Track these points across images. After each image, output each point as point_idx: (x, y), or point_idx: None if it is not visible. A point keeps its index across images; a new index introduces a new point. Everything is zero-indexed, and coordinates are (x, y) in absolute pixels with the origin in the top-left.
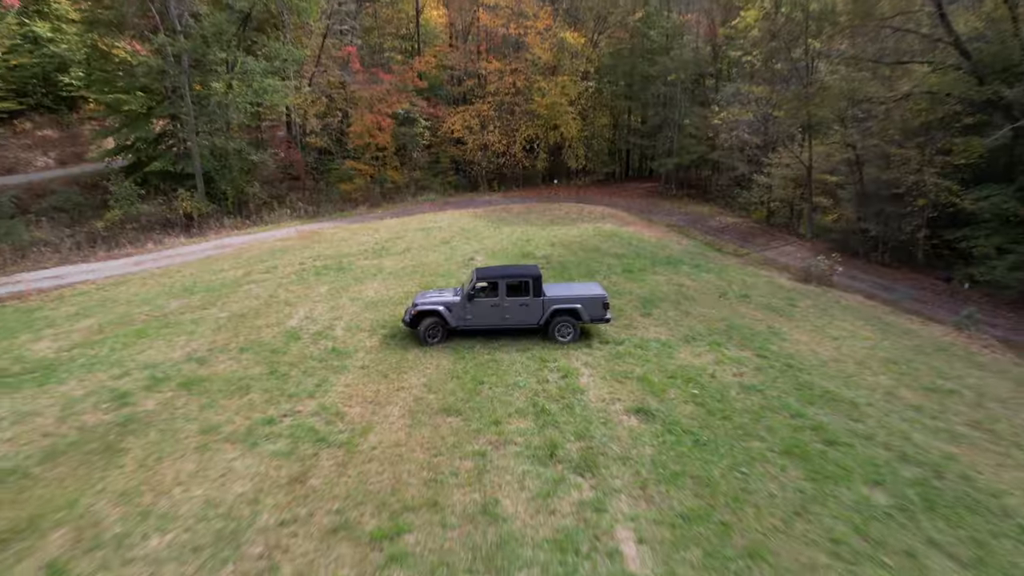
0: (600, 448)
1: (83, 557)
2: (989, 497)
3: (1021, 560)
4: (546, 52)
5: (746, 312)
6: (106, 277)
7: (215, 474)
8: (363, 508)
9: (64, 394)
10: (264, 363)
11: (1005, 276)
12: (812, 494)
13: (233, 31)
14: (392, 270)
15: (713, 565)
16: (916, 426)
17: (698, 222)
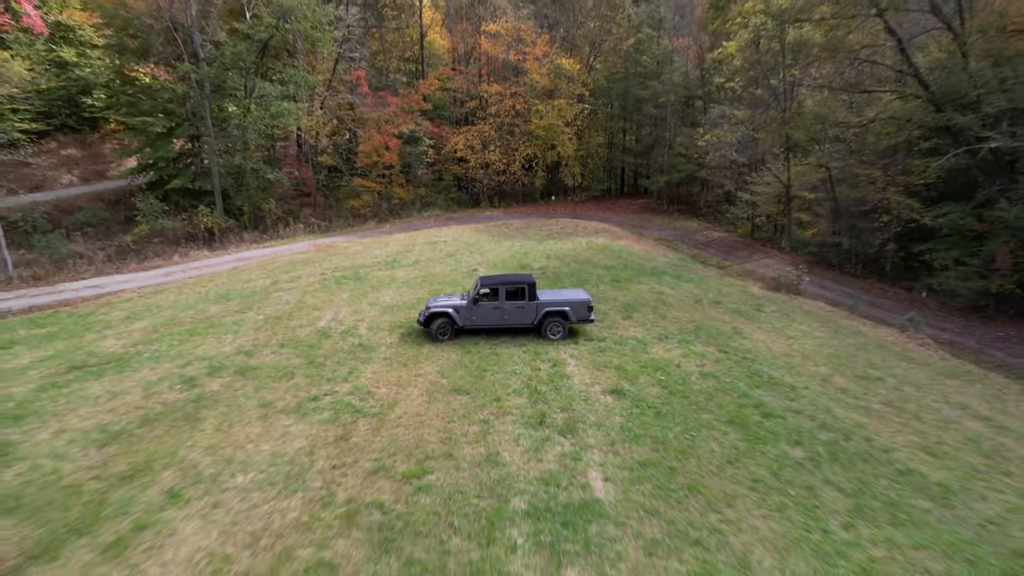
0: (580, 417)
1: (190, 488)
2: (881, 452)
3: (890, 492)
4: (544, 77)
5: (716, 316)
6: (142, 286)
7: (276, 435)
8: (395, 457)
9: (142, 379)
10: (302, 356)
11: (957, 285)
12: (744, 450)
13: (252, 59)
14: (404, 280)
15: (660, 494)
16: (840, 404)
17: (686, 236)
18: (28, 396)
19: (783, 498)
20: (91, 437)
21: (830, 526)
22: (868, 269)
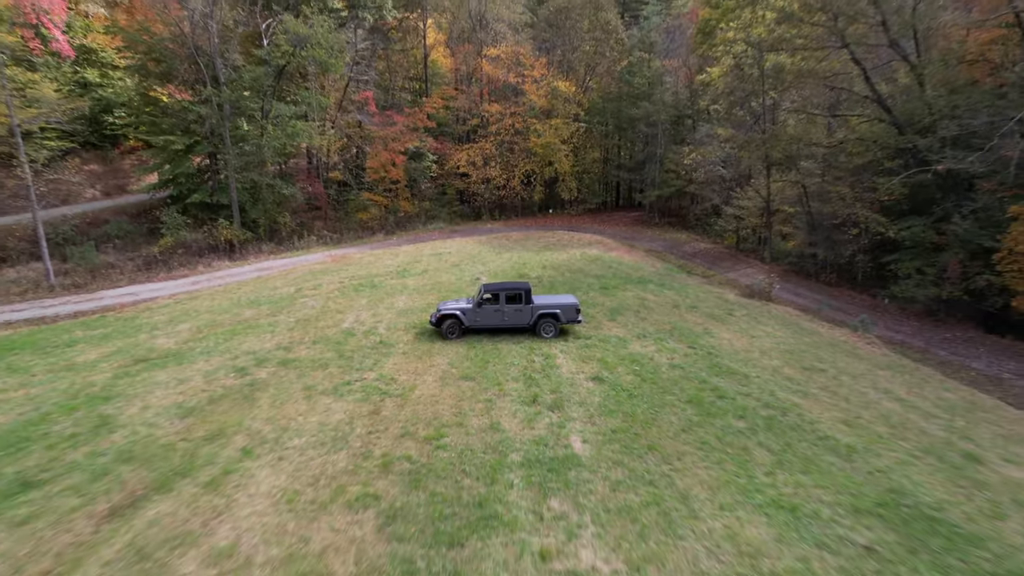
0: (566, 398)
1: (258, 447)
2: (808, 424)
3: (807, 451)
4: (541, 98)
5: (690, 318)
6: (174, 294)
7: (320, 410)
8: (417, 426)
9: (199, 369)
10: (333, 350)
11: (914, 292)
12: (697, 421)
13: (269, 82)
14: (415, 287)
15: (625, 452)
16: (783, 389)
17: (675, 247)
18: (108, 382)
19: (722, 455)
20: (171, 411)
21: (755, 473)
22: (841, 278)
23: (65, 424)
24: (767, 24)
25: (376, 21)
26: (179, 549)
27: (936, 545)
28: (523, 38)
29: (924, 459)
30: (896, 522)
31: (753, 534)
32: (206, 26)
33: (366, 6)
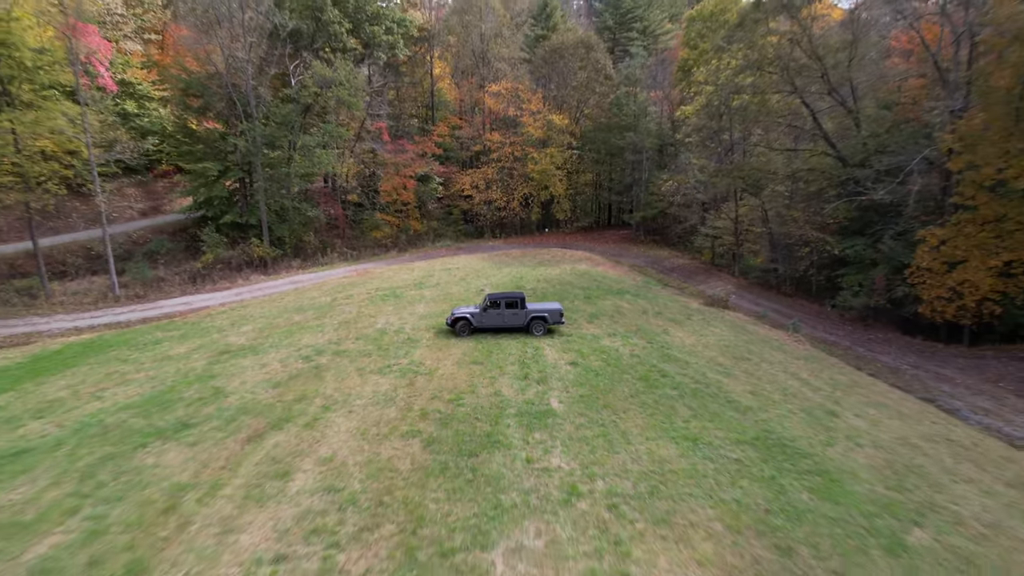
0: (549, 375)
1: (333, 405)
2: (722, 394)
3: (716, 410)
4: (538, 130)
5: (654, 322)
6: (224, 303)
7: (371, 383)
8: (442, 392)
9: (273, 357)
10: (372, 344)
11: (851, 301)
12: (642, 390)
13: (296, 118)
14: (431, 297)
15: (587, 409)
16: (713, 371)
17: (656, 263)
18: (205, 367)
19: (655, 410)
20: (263, 384)
21: (675, 421)
22: (798, 289)
23: (190, 392)
24: (733, 69)
25: (389, 58)
26: (298, 458)
27: (780, 457)
28: (521, 73)
29: (798, 415)
30: (761, 447)
31: (664, 452)
32: (242, 68)
33: (380, 45)
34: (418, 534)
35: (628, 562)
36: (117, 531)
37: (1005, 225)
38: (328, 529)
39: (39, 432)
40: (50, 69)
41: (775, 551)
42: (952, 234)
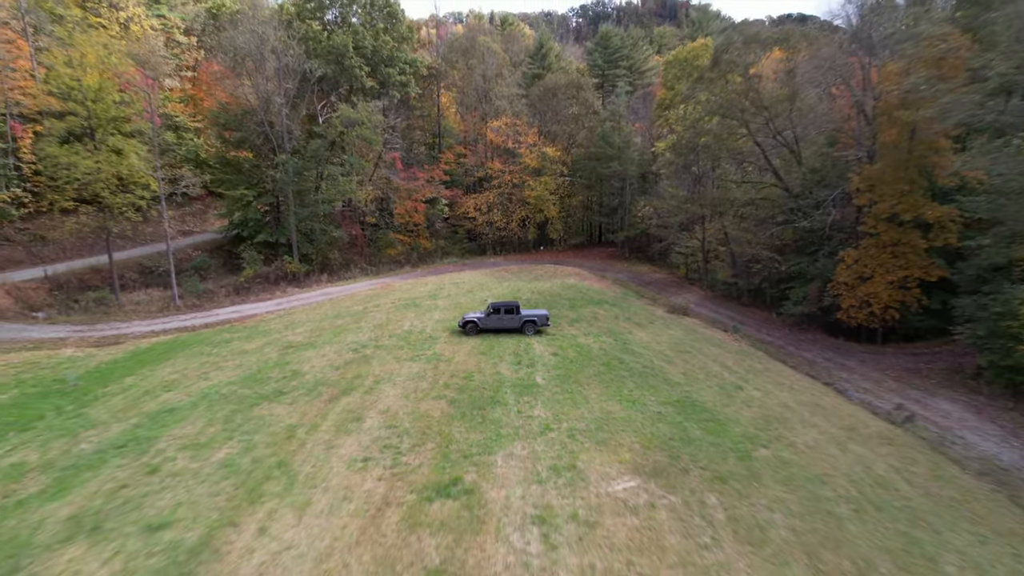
0: (535, 361)
1: (382, 380)
2: (663, 374)
3: (655, 384)
4: (533, 160)
5: (623, 325)
6: (270, 311)
7: (406, 367)
8: (458, 373)
9: (329, 350)
10: (403, 341)
11: (792, 310)
12: (603, 372)
13: (324, 152)
14: (444, 306)
15: (561, 383)
16: (659, 360)
17: (636, 277)
18: (278, 357)
19: (609, 384)
20: (328, 367)
21: (623, 391)
22: (755, 300)
23: (274, 374)
24: (699, 113)
25: (402, 96)
26: (365, 410)
27: (689, 412)
28: (520, 108)
29: (713, 388)
30: (678, 407)
31: (611, 408)
32: (277, 109)
33: (394, 85)
34: (448, 447)
35: (577, 462)
36: (262, 447)
37: (900, 248)
38: (392, 446)
39: (175, 399)
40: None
41: (668, 457)
42: (862, 255)
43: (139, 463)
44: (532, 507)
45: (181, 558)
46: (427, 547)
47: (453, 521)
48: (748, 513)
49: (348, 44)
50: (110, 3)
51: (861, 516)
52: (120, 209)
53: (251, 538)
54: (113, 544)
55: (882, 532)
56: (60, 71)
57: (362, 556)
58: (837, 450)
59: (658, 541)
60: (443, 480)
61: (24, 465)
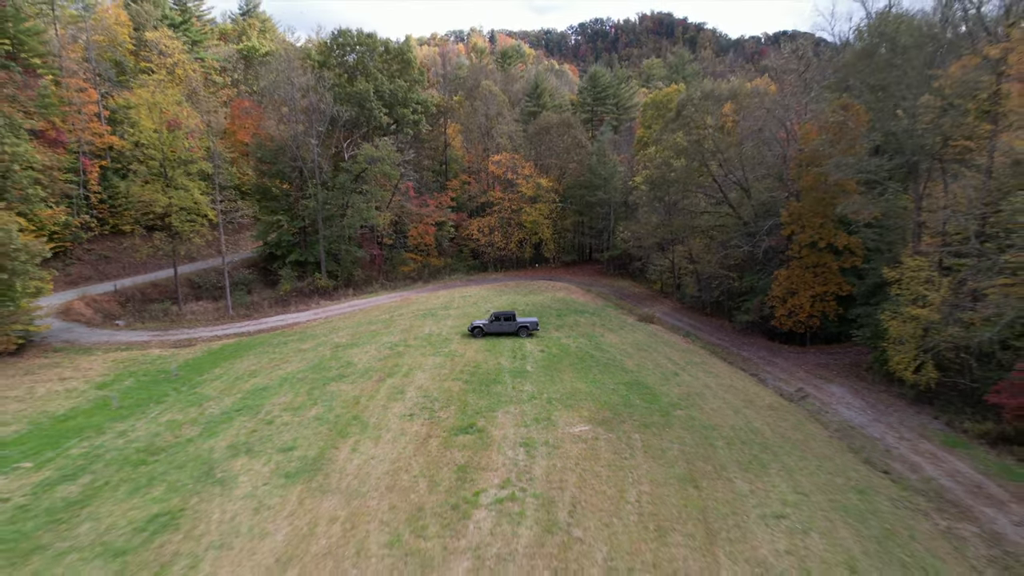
0: (527, 356)
1: (413, 369)
2: (621, 365)
3: (614, 372)
4: (530, 189)
5: (598, 330)
6: (310, 320)
7: (431, 360)
8: (469, 364)
9: (369, 348)
10: (425, 342)
11: (742, 318)
12: (577, 363)
13: (350, 184)
14: (455, 315)
15: (546, 371)
16: (620, 355)
17: (617, 291)
18: (332, 353)
19: (580, 371)
20: (372, 360)
21: (589, 375)
22: (715, 311)
23: (332, 364)
24: (666, 155)
25: (415, 132)
26: (406, 388)
27: (635, 389)
28: (518, 142)
29: (656, 374)
30: (628, 385)
31: (579, 386)
32: (309, 146)
33: (408, 123)
34: (466, 408)
35: (551, 416)
36: (339, 408)
37: (819, 269)
38: (428, 407)
39: (263, 382)
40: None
41: (612, 414)
42: (790, 274)
43: (257, 418)
44: (520, 438)
45: (310, 462)
46: (456, 456)
47: (470, 445)
48: (657, 443)
49: (369, 90)
50: (159, 51)
51: (729, 446)
52: (188, 235)
53: (348, 453)
54: (264, 457)
55: (739, 453)
56: (144, 125)
57: (418, 460)
58: (731, 412)
59: (596, 455)
60: (463, 424)
61: (176, 422)
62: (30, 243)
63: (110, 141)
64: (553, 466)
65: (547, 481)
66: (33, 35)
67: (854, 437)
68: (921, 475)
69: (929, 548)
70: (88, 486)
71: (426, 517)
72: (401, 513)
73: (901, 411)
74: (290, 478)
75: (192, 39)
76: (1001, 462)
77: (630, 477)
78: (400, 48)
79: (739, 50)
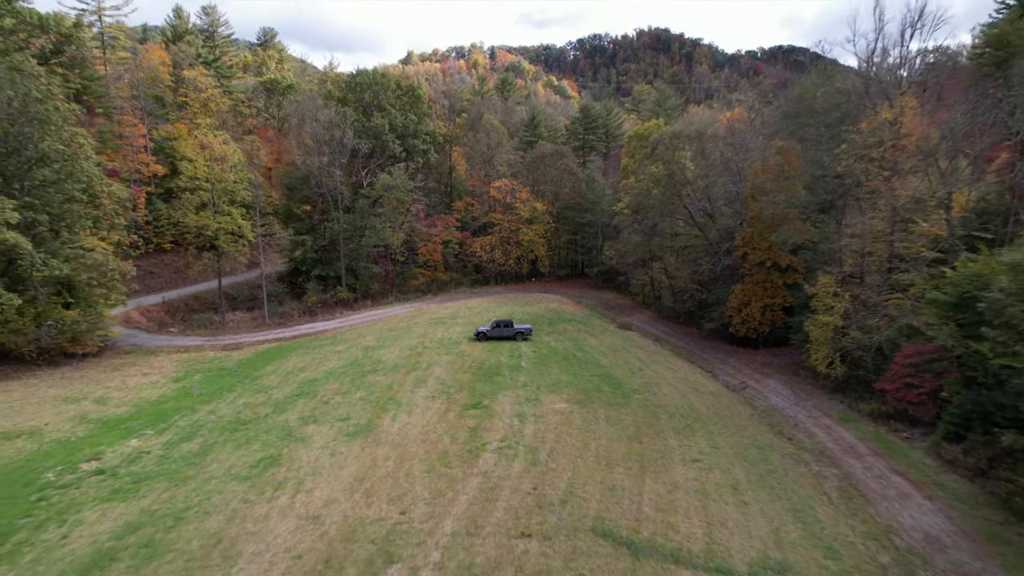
0: (522, 356)
1: (432, 364)
2: (597, 362)
3: (591, 368)
4: (527, 212)
5: (582, 335)
6: (337, 327)
7: (445, 358)
8: (476, 361)
9: (393, 349)
10: (439, 344)
11: (708, 326)
12: (561, 361)
13: (367, 208)
14: (462, 323)
15: (538, 366)
16: (598, 355)
17: (603, 303)
18: (363, 353)
19: (565, 366)
20: (398, 357)
21: (571, 369)
22: (688, 320)
23: (365, 362)
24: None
25: (424, 161)
26: (427, 379)
27: (607, 380)
28: (517, 169)
29: (624, 369)
30: (602, 377)
31: (562, 378)
32: (333, 176)
33: (418, 152)
34: (475, 392)
35: (539, 398)
36: (378, 392)
37: (766, 284)
38: (445, 392)
39: (311, 375)
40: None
41: (585, 396)
42: (744, 288)
43: (315, 400)
44: (515, 412)
45: (363, 427)
46: (468, 423)
47: (478, 416)
48: (616, 416)
49: (384, 125)
50: (195, 87)
51: (670, 418)
52: (232, 254)
53: (389, 421)
54: (328, 424)
55: (676, 423)
56: (198, 163)
57: (441, 425)
58: (678, 396)
59: (569, 422)
60: (473, 403)
61: (251, 404)
62: (121, 264)
63: (155, 169)
64: (538, 429)
65: (533, 438)
66: (95, 80)
67: (774, 416)
68: (814, 440)
69: (796, 480)
70: (203, 444)
71: (450, 457)
72: (433, 455)
73: (817, 398)
74: (350, 436)
75: (221, 74)
76: (876, 431)
77: (592, 436)
78: (410, 85)
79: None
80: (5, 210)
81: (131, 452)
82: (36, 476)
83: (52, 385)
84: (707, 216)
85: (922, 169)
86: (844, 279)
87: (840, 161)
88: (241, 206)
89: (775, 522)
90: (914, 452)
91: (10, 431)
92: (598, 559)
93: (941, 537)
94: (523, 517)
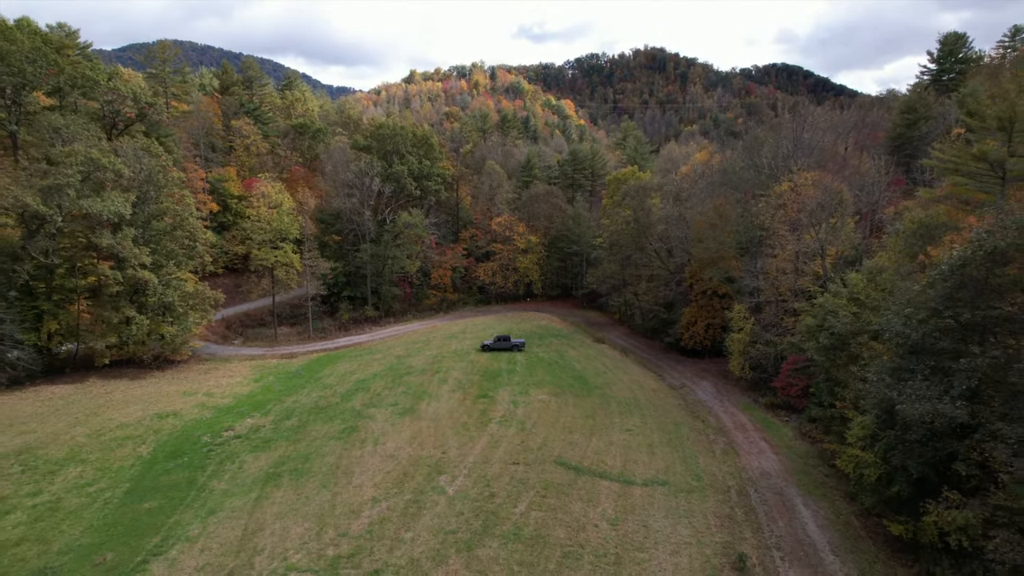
0: (517, 363)
1: (450, 368)
2: (571, 366)
3: (567, 371)
4: (522, 243)
5: (564, 347)
6: (368, 340)
7: (459, 365)
8: (483, 367)
9: (418, 357)
10: (454, 354)
11: (667, 340)
12: (545, 367)
13: (391, 241)
14: (470, 337)
15: (528, 370)
16: (574, 363)
17: (587, 320)
18: (397, 361)
19: (548, 370)
20: (423, 364)
21: (552, 373)
22: (653, 335)
23: (400, 366)
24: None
25: (436, 199)
26: (450, 378)
27: (579, 380)
28: (515, 207)
29: (592, 372)
30: (575, 377)
31: (545, 377)
32: (363, 214)
33: (431, 192)
34: (482, 388)
35: (528, 392)
36: (414, 387)
37: (708, 308)
38: (461, 388)
39: (361, 376)
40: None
41: (561, 389)
42: (692, 310)
43: (369, 394)
44: (510, 401)
45: (407, 409)
46: (479, 407)
47: (486, 403)
48: (580, 403)
49: (404, 171)
50: (240, 134)
51: (618, 405)
52: (285, 281)
53: (425, 406)
54: (383, 408)
55: (621, 407)
56: (260, 210)
57: (460, 409)
58: (628, 391)
59: (548, 407)
60: (481, 394)
61: (323, 395)
62: (213, 293)
63: (211, 207)
64: (526, 411)
65: (523, 416)
66: (168, 136)
67: (697, 406)
68: (719, 421)
69: (694, 444)
70: (299, 421)
71: (468, 426)
72: (457, 424)
73: (734, 394)
74: (401, 415)
75: (259, 119)
76: (766, 417)
77: (562, 415)
78: (424, 135)
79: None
80: (143, 255)
81: (252, 426)
82: (196, 439)
83: (168, 383)
84: (667, 252)
85: (809, 226)
86: (756, 306)
87: (758, 215)
88: (292, 241)
89: (668, 462)
90: (784, 429)
91: (161, 412)
92: (556, 475)
93: (771, 472)
94: (514, 455)
